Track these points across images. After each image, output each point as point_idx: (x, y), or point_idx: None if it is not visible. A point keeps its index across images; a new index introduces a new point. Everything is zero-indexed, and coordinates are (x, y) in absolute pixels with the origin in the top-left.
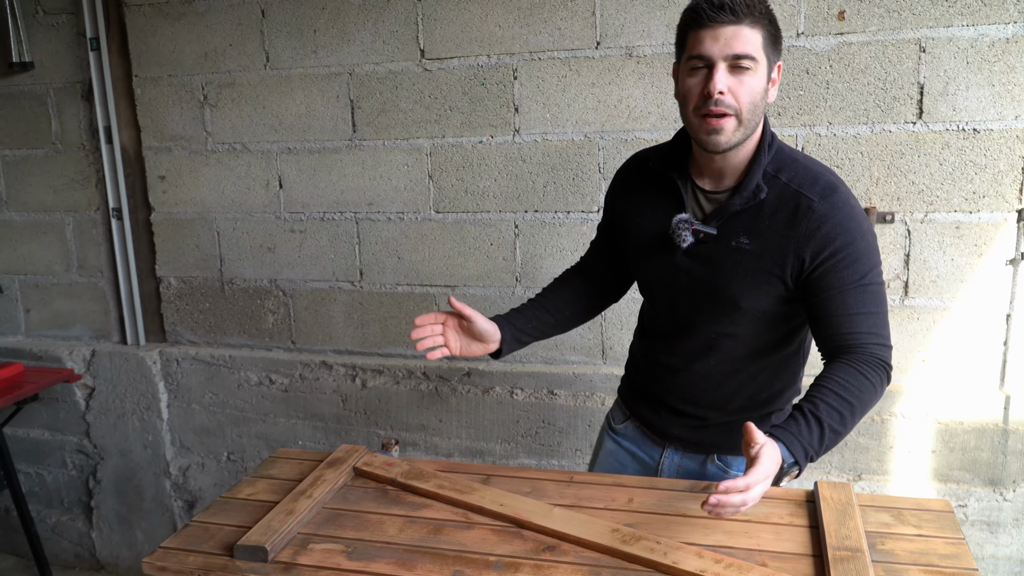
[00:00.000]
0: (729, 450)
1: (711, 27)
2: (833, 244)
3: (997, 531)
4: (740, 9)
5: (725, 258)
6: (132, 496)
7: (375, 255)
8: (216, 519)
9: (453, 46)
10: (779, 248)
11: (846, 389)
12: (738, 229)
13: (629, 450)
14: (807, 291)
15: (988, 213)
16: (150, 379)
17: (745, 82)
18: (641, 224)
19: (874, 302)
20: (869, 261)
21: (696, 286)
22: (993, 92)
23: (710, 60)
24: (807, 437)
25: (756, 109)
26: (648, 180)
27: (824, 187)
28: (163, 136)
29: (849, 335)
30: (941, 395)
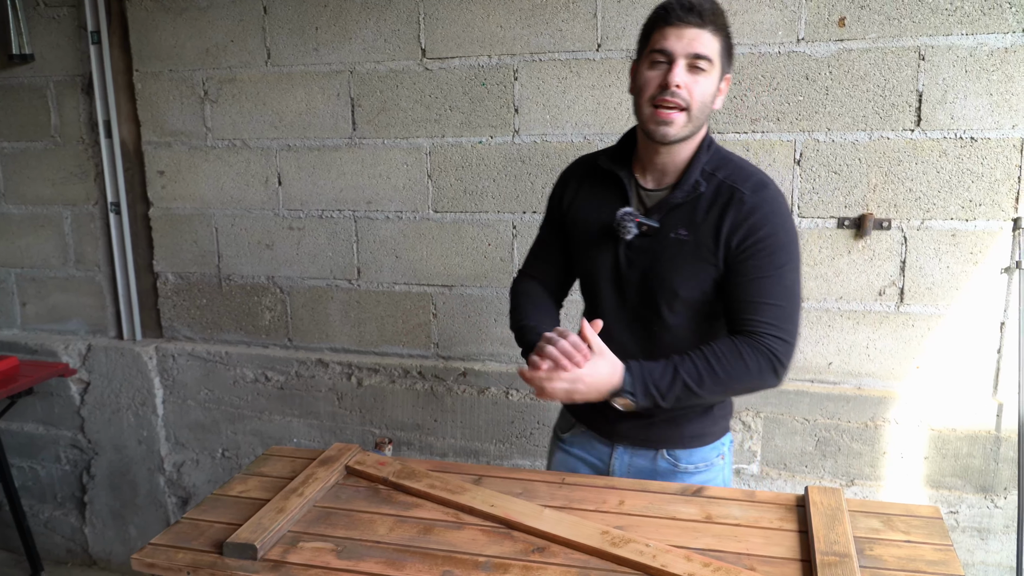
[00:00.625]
0: (677, 444)
1: (677, 26)
2: (757, 233)
3: (988, 538)
4: (707, 15)
5: (665, 249)
6: (126, 492)
7: (373, 253)
8: (207, 516)
9: (454, 46)
10: (713, 237)
11: (715, 357)
12: (677, 222)
13: (579, 456)
14: (727, 275)
15: (984, 221)
16: (146, 374)
17: (700, 82)
18: (587, 219)
19: (783, 295)
20: (786, 255)
21: (639, 278)
22: (991, 101)
23: (672, 55)
24: (656, 375)
25: (704, 109)
26: (593, 178)
27: (756, 183)
28: (163, 131)
29: (750, 321)
30: (934, 402)
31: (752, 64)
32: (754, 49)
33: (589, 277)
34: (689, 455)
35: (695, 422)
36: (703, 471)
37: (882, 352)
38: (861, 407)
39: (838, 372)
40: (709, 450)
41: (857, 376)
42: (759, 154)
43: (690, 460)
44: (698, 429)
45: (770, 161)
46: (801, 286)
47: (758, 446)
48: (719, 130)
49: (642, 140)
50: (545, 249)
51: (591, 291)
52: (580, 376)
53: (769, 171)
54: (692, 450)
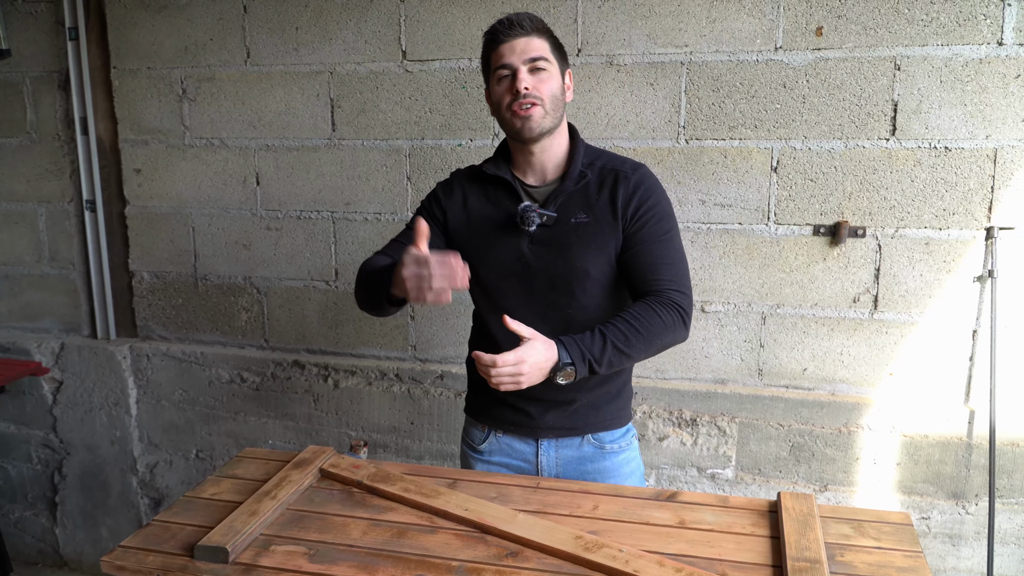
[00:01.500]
0: (600, 427)
1: (507, 41)
2: (646, 203)
3: (959, 544)
4: (528, 24)
5: (569, 234)
6: (98, 492)
7: (351, 255)
8: (178, 518)
9: (435, 48)
10: (611, 213)
11: (635, 318)
12: (574, 208)
13: (502, 463)
14: (626, 246)
15: (957, 230)
16: (119, 374)
17: (543, 80)
18: (480, 221)
19: (675, 256)
20: (670, 221)
21: (549, 265)
22: (965, 112)
23: (512, 66)
24: (588, 343)
25: (557, 101)
26: (479, 184)
27: (632, 164)
28: (140, 129)
29: (653, 281)
30: (907, 408)
31: (730, 72)
32: (732, 57)
33: (490, 277)
34: (612, 435)
35: (611, 404)
36: (626, 449)
37: (856, 359)
38: (835, 413)
39: (812, 378)
40: (625, 431)
41: (831, 382)
42: (737, 161)
43: (613, 440)
44: (614, 411)
45: (747, 168)
46: (683, 247)
47: (733, 451)
48: (697, 136)
49: (515, 146)
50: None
51: (495, 293)
52: (522, 360)
53: (746, 178)
54: (613, 431)
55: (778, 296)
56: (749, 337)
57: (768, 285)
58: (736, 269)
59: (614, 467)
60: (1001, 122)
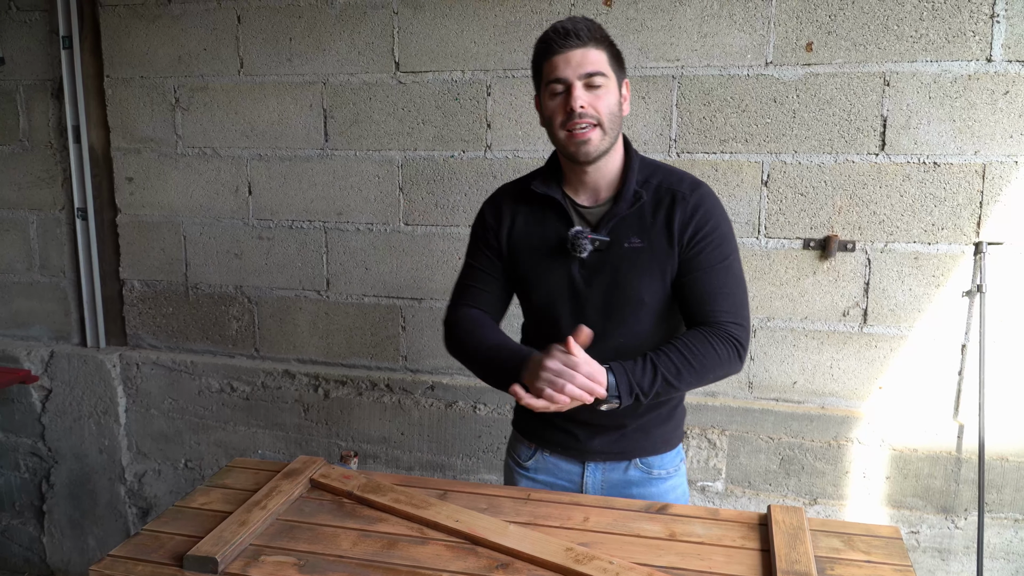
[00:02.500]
0: (649, 451)
1: (562, 53)
2: (704, 228)
3: (948, 558)
4: (584, 34)
5: (622, 260)
6: (86, 501)
7: (343, 265)
8: (167, 528)
9: (428, 60)
10: (667, 237)
11: (688, 349)
12: (628, 232)
13: (546, 483)
14: (681, 271)
15: (946, 245)
16: (109, 383)
17: (600, 96)
18: (531, 245)
19: (734, 284)
20: (730, 245)
21: (600, 292)
22: (954, 127)
23: (567, 81)
24: (638, 374)
25: (615, 118)
26: (528, 203)
27: (691, 183)
28: (132, 137)
29: (710, 312)
30: (897, 422)
31: (721, 86)
32: (723, 71)
33: (542, 303)
34: (660, 460)
35: (661, 427)
36: (672, 475)
37: (846, 372)
38: (825, 426)
39: (802, 391)
40: (675, 454)
41: (821, 395)
42: (727, 174)
43: (661, 466)
44: (666, 435)
45: (738, 182)
46: (743, 272)
47: (723, 464)
48: (688, 150)
49: (567, 165)
50: (481, 279)
51: (547, 316)
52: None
53: (737, 191)
54: (663, 455)
55: (768, 309)
56: None
57: (758, 298)
58: None
59: (660, 493)
60: (990, 138)
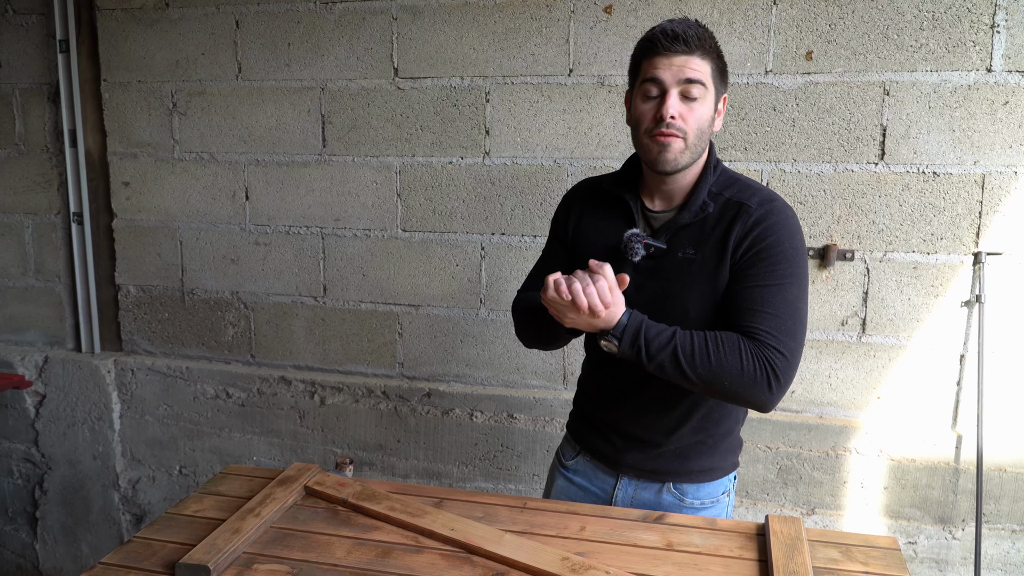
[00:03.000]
0: (684, 477)
1: (666, 55)
2: (763, 242)
3: (946, 569)
4: (692, 41)
5: (673, 269)
6: (79, 508)
7: (340, 271)
8: (160, 535)
9: (427, 66)
10: (719, 251)
11: (715, 341)
12: (684, 241)
13: (580, 485)
14: (730, 284)
15: (945, 255)
16: (103, 388)
17: (695, 109)
18: (593, 241)
19: (784, 307)
20: (791, 267)
21: (648, 300)
22: (953, 137)
23: (664, 86)
24: (651, 332)
25: (703, 135)
26: (599, 201)
27: (764, 197)
28: (129, 142)
29: (748, 327)
30: (895, 432)
31: None
32: None
33: None
34: (697, 490)
35: (705, 456)
36: (708, 507)
37: (844, 382)
38: (823, 436)
39: (801, 400)
40: (716, 486)
41: (819, 405)
42: None
43: (697, 495)
44: (708, 463)
45: None
46: (807, 307)
47: None
48: None
49: (646, 169)
50: (549, 268)
51: None
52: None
53: None
54: (700, 484)
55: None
56: None
57: None
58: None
59: None
60: (989, 148)
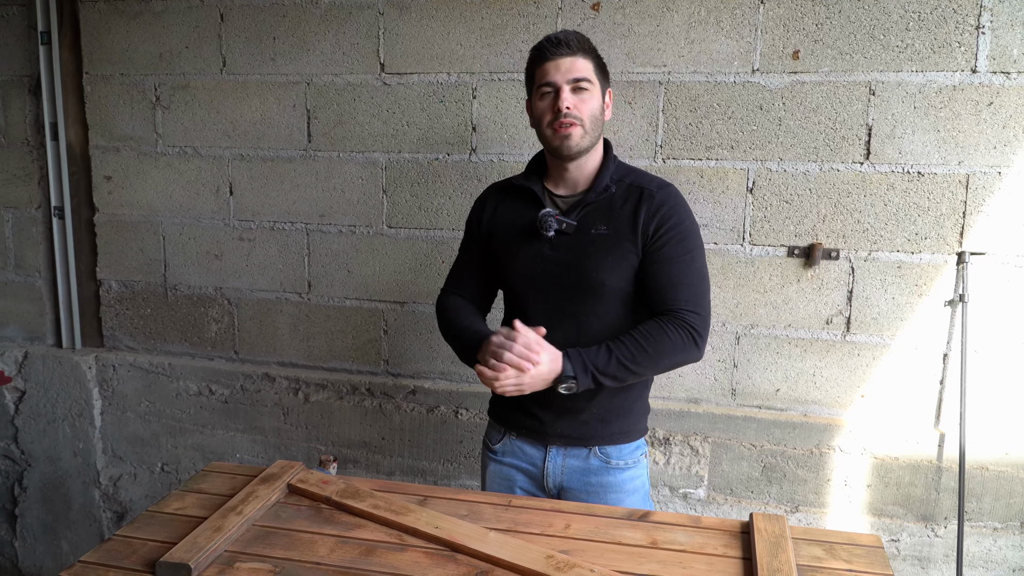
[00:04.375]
0: (607, 440)
1: (553, 59)
2: (668, 222)
3: (928, 566)
4: (573, 44)
5: (587, 244)
6: (59, 505)
7: (324, 267)
8: (140, 534)
9: (414, 62)
10: (631, 229)
11: (643, 336)
12: (595, 219)
13: (512, 464)
14: (645, 262)
15: (929, 255)
16: (84, 384)
17: (585, 99)
18: (508, 227)
19: (695, 276)
20: (694, 241)
21: (564, 273)
22: (938, 137)
23: (556, 85)
24: (592, 356)
25: (596, 121)
26: (510, 195)
27: (660, 183)
28: (111, 135)
29: (668, 301)
30: (878, 430)
31: (708, 93)
32: (710, 78)
33: (512, 281)
34: (619, 451)
35: (621, 419)
36: (632, 467)
37: (828, 380)
38: (807, 434)
39: (785, 399)
40: (634, 447)
41: (803, 403)
42: (713, 181)
43: (620, 456)
44: (625, 426)
45: (723, 188)
46: (707, 267)
47: (705, 471)
48: (674, 156)
49: (551, 161)
50: (467, 268)
51: (515, 296)
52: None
53: (722, 198)
54: (621, 446)
55: (752, 316)
56: (723, 357)
57: (742, 305)
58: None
59: (618, 483)
60: (973, 148)
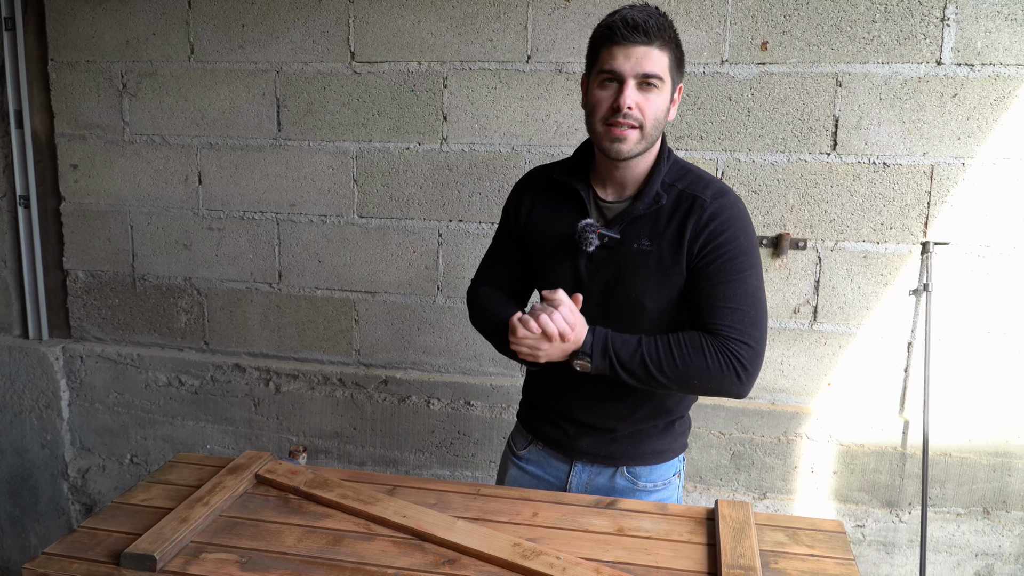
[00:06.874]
0: (637, 461)
1: (624, 45)
2: (719, 238)
3: (893, 552)
4: (652, 32)
5: (628, 260)
6: (27, 497)
7: (295, 257)
8: (105, 525)
9: (384, 50)
10: (676, 245)
11: (679, 345)
12: (640, 233)
13: (534, 474)
14: (690, 281)
15: (894, 244)
16: (51, 376)
17: (651, 99)
18: (546, 231)
19: (746, 300)
20: (748, 260)
21: (602, 290)
22: (903, 128)
23: (621, 76)
24: (619, 343)
25: (658, 125)
26: (550, 190)
27: (716, 190)
28: (77, 123)
29: (713, 325)
30: (844, 418)
31: None
32: None
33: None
34: (649, 472)
35: (656, 438)
36: (661, 489)
37: (796, 369)
38: (774, 422)
39: (754, 387)
40: (668, 467)
41: (771, 392)
42: None
43: (649, 478)
44: (659, 445)
45: None
46: (765, 294)
47: None
48: None
49: (599, 155)
50: (499, 260)
51: None
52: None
53: None
54: (652, 467)
55: None
56: None
57: None
58: None
59: None
60: (938, 139)
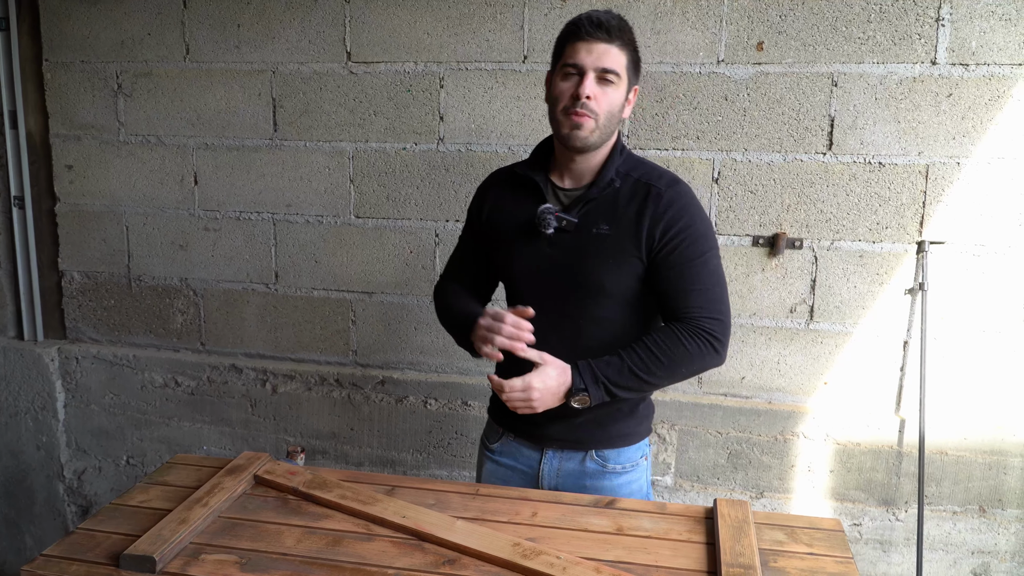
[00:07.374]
0: (605, 444)
1: (587, 41)
2: (677, 224)
3: (889, 550)
4: (614, 31)
5: (588, 244)
6: (22, 499)
7: (292, 258)
8: (103, 527)
9: (380, 50)
10: (635, 230)
11: (657, 345)
12: (597, 217)
13: (507, 465)
14: (655, 268)
15: (890, 244)
16: (47, 377)
17: (608, 93)
18: (506, 220)
19: (709, 279)
20: (706, 242)
21: (563, 273)
22: (899, 128)
23: (582, 68)
24: (603, 367)
25: (613, 119)
26: (511, 185)
27: (669, 180)
28: (72, 124)
29: (684, 308)
30: (841, 417)
31: (674, 83)
32: (676, 68)
33: (512, 277)
34: (617, 455)
35: (621, 422)
36: (629, 471)
37: (792, 368)
38: (771, 421)
39: (750, 386)
40: (635, 450)
41: (768, 391)
42: (679, 171)
43: (618, 460)
44: (624, 428)
45: (689, 178)
46: (723, 270)
47: (672, 458)
48: (641, 146)
49: (558, 147)
50: (464, 259)
51: (515, 294)
52: (530, 387)
53: None
54: (620, 450)
55: None
56: None
57: None
58: None
59: (614, 487)
60: (933, 139)
